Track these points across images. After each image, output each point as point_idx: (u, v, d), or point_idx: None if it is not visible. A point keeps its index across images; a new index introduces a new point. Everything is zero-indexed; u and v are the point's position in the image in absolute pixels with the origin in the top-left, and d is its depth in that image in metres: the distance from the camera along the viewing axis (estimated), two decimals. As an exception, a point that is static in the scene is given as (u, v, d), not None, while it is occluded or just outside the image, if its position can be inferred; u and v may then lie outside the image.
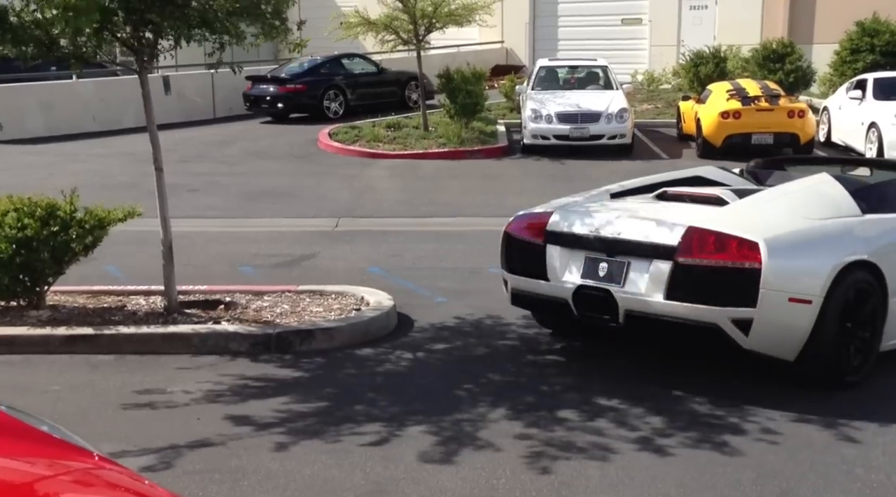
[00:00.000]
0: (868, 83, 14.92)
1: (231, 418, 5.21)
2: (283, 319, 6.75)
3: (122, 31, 6.33)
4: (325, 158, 15.97)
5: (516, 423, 5.07)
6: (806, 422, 5.03)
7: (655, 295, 5.33)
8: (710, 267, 5.21)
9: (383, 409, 5.33)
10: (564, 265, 5.78)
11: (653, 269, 5.37)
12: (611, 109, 15.78)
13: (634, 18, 25.65)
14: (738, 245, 5.18)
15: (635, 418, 5.10)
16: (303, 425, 5.10)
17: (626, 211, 5.90)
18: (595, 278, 5.62)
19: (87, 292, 7.43)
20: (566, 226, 5.83)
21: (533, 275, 5.92)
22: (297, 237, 10.12)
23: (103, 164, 15.20)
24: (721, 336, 5.22)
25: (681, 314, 5.26)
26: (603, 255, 5.62)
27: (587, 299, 5.61)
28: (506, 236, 6.23)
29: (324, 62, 21.02)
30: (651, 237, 5.42)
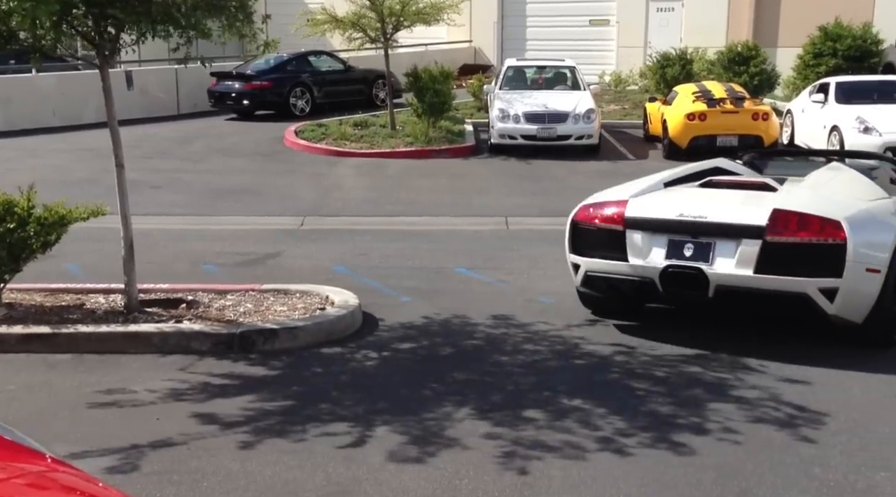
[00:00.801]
0: (830, 87, 15.12)
1: (193, 418, 5.13)
2: (246, 318, 6.67)
3: (83, 24, 6.21)
4: (292, 156, 15.85)
5: (481, 423, 5.04)
6: (765, 422, 5.06)
7: (745, 270, 5.93)
8: (797, 244, 5.88)
9: (348, 408, 5.28)
10: (647, 248, 6.29)
11: (742, 248, 5.97)
12: (578, 110, 15.84)
13: (602, 19, 25.79)
14: (821, 224, 5.88)
15: (599, 418, 5.10)
16: (266, 425, 5.03)
17: (699, 198, 6.54)
18: (682, 258, 6.15)
19: (45, 290, 7.29)
20: (647, 212, 6.38)
21: (612, 257, 6.41)
22: (261, 235, 10.03)
23: (63, 160, 14.96)
24: (808, 304, 5.88)
25: (771, 286, 5.90)
26: (687, 237, 6.17)
27: (675, 277, 6.15)
28: (575, 225, 6.74)
29: (290, 59, 20.87)
30: (738, 219, 6.06)
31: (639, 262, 6.29)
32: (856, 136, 13.67)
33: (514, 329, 6.75)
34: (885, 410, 5.25)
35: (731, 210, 6.21)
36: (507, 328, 6.77)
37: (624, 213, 6.43)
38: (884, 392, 5.53)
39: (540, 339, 6.54)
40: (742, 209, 6.19)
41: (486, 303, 7.41)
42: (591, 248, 6.60)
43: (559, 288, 7.90)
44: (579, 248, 6.70)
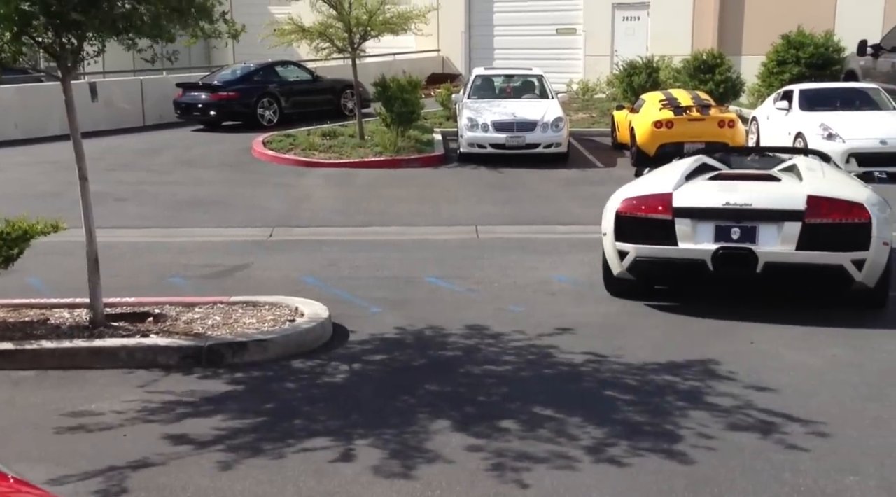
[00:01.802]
0: (794, 94, 15.30)
1: (161, 435, 5.05)
2: (214, 331, 6.59)
3: (44, 36, 6.12)
4: (259, 167, 15.74)
5: (454, 435, 5.02)
6: (737, 429, 5.08)
7: (789, 248, 6.95)
8: (831, 224, 6.95)
9: (320, 422, 5.23)
10: (695, 233, 7.12)
11: (784, 229, 6.96)
12: (546, 118, 15.89)
13: (569, 28, 25.93)
14: (849, 206, 7.03)
15: (572, 427, 5.09)
16: (237, 441, 4.97)
17: (732, 188, 7.44)
18: (730, 241, 7.04)
19: (8, 306, 7.15)
20: (694, 202, 7.22)
21: (662, 243, 7.18)
22: (229, 247, 9.93)
23: (26, 173, 14.74)
24: (842, 274, 6.97)
25: (812, 260, 6.93)
26: (732, 222, 7.07)
27: (727, 257, 7.02)
28: (620, 216, 7.40)
29: (257, 69, 20.76)
30: (780, 205, 7.06)
31: (689, 246, 7.11)
32: (820, 143, 13.83)
33: (486, 339, 6.74)
34: (853, 415, 5.30)
35: (772, 197, 7.19)
36: (479, 338, 6.75)
37: (672, 204, 7.19)
38: (852, 396, 5.58)
39: (511, 348, 6.53)
40: (781, 197, 7.21)
41: (456, 312, 7.39)
42: (640, 236, 7.28)
43: (529, 296, 7.90)
44: (626, 237, 7.35)
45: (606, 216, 7.63)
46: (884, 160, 13.60)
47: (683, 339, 6.67)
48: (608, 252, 7.61)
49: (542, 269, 8.93)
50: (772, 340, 6.64)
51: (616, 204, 7.51)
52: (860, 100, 15.15)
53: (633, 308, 7.55)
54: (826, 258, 6.94)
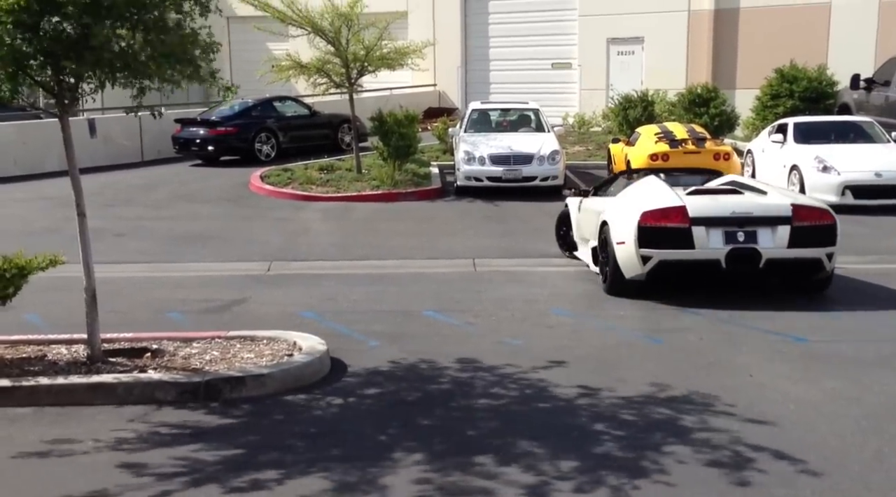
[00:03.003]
0: (789, 128, 15.42)
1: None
2: (212, 366, 6.58)
3: (41, 74, 6.17)
4: (257, 201, 15.79)
5: (431, 469, 4.97)
6: (735, 466, 5.05)
7: (782, 246, 8.45)
8: (810, 226, 8.55)
9: (298, 455, 5.20)
10: (709, 238, 8.44)
11: (778, 232, 8.47)
12: (543, 151, 15.99)
13: (564, 63, 26.18)
14: (820, 212, 8.73)
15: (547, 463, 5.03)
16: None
17: (728, 200, 8.91)
18: (737, 243, 8.44)
19: (5, 342, 7.14)
20: (706, 212, 8.55)
21: (681, 247, 8.45)
22: (227, 282, 9.93)
23: (24, 209, 14.77)
24: (818, 265, 8.62)
25: (799, 255, 8.53)
26: (736, 227, 8.49)
27: (737, 257, 8.42)
28: (642, 228, 8.51)
29: (255, 105, 20.90)
30: (773, 213, 8.62)
31: (704, 248, 8.42)
32: (815, 176, 13.93)
33: (482, 372, 6.72)
34: (855, 449, 5.26)
35: (765, 207, 8.74)
36: (475, 371, 6.74)
37: (690, 215, 8.43)
38: (852, 430, 5.56)
39: (507, 382, 6.51)
40: (772, 206, 8.76)
41: (454, 346, 7.38)
42: (661, 243, 8.49)
43: (527, 329, 7.90)
44: (649, 244, 8.51)
45: (620, 228, 8.72)
46: (879, 193, 13.68)
47: (682, 373, 6.66)
48: (625, 258, 8.67)
49: (540, 301, 8.93)
50: (770, 373, 6.64)
51: (633, 217, 8.62)
52: (854, 133, 15.27)
53: (632, 341, 7.55)
54: (809, 253, 8.54)
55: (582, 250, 10.37)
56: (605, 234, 9.05)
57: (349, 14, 16.51)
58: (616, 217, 8.91)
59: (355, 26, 16.67)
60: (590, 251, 9.79)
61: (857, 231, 11.95)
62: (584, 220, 10.21)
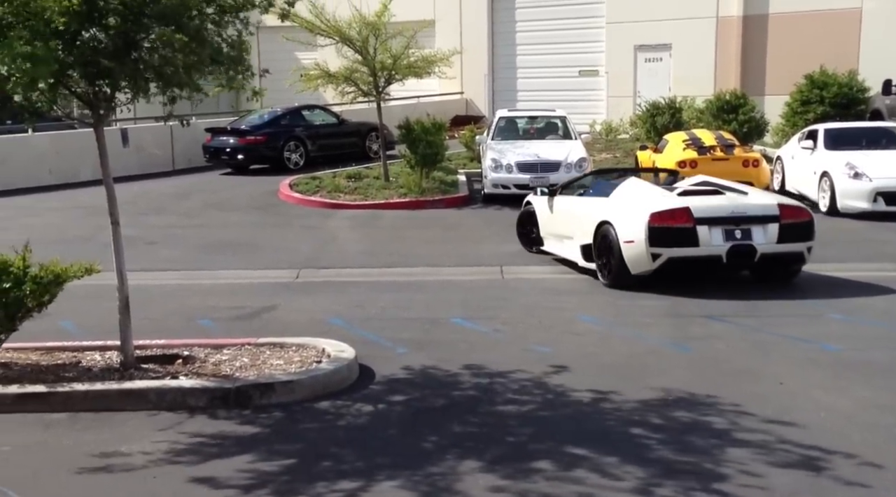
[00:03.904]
0: (819, 134, 15.29)
1: (188, 477, 5.09)
2: (242, 373, 6.65)
3: (78, 85, 6.29)
4: (286, 209, 15.92)
5: (489, 476, 5.00)
6: (776, 465, 5.03)
7: (773, 242, 9.27)
8: (794, 223, 9.40)
9: (349, 463, 5.24)
10: (711, 236, 9.18)
11: (768, 229, 9.28)
12: (570, 159, 15.98)
13: (592, 70, 26.15)
14: (800, 210, 9.63)
15: (612, 467, 5.05)
16: (265, 484, 4.99)
17: (721, 200, 9.56)
18: (736, 240, 9.20)
19: (41, 349, 7.27)
20: (708, 213, 9.27)
21: (687, 245, 9.18)
22: (257, 289, 10.03)
23: (59, 218, 15.00)
24: (801, 258, 9.56)
25: (787, 250, 9.40)
26: (733, 226, 9.24)
27: (737, 252, 9.20)
28: (652, 227, 9.17)
29: (284, 114, 21.08)
30: (762, 212, 9.41)
31: (707, 245, 9.17)
32: (846, 182, 13.81)
33: (511, 379, 6.74)
34: (890, 458, 5.20)
35: (757, 207, 9.51)
36: (504, 378, 6.75)
37: (694, 215, 9.18)
38: (885, 438, 5.50)
39: (535, 388, 6.52)
40: (762, 206, 9.56)
41: (481, 353, 7.40)
42: (669, 242, 9.19)
43: (555, 337, 7.91)
44: (658, 243, 9.19)
45: (627, 228, 9.36)
46: (911, 198, 13.52)
47: (711, 380, 6.63)
48: (634, 255, 9.31)
49: (568, 309, 8.93)
50: (801, 382, 6.59)
51: (642, 218, 9.26)
52: (886, 139, 15.10)
53: (660, 348, 7.54)
54: (795, 247, 9.43)
55: (556, 246, 11.05)
56: (604, 233, 9.66)
57: (377, 23, 16.63)
58: (621, 217, 9.54)
59: (383, 35, 16.79)
60: (578, 248, 10.31)
61: (891, 238, 11.83)
62: (562, 219, 10.88)
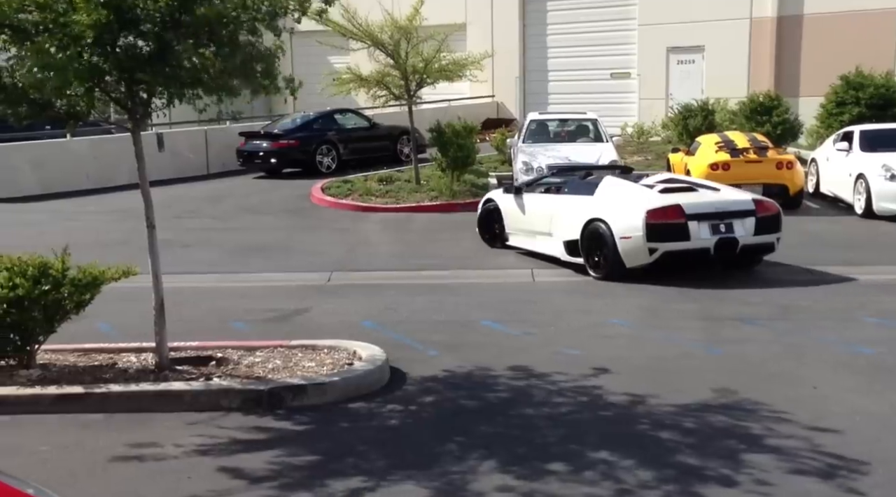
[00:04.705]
0: (854, 135, 15.11)
1: (222, 473, 5.16)
2: (275, 375, 6.73)
3: (115, 90, 6.41)
4: (318, 213, 16.04)
5: (506, 476, 5.03)
6: (803, 473, 4.99)
7: (750, 234, 10.08)
8: (766, 216, 10.22)
9: (373, 463, 5.29)
10: (700, 230, 9.95)
11: (746, 223, 10.07)
12: (601, 161, 15.89)
13: (623, 72, 26.04)
14: (769, 204, 10.48)
15: (624, 471, 5.06)
16: (293, 480, 5.06)
17: (703, 197, 10.41)
18: (720, 233, 9.97)
19: (78, 350, 7.40)
20: (696, 210, 10.00)
21: (680, 240, 9.91)
22: (289, 292, 10.12)
23: (96, 222, 15.24)
24: (771, 247, 10.37)
25: (762, 241, 10.23)
26: (718, 220, 10.00)
27: (723, 245, 9.94)
28: (649, 223, 9.86)
29: (316, 118, 21.24)
30: (741, 207, 10.23)
31: (698, 239, 9.93)
32: (882, 184, 13.63)
33: (541, 381, 6.75)
34: (920, 460, 5.16)
35: (736, 202, 10.35)
36: (534, 380, 6.76)
37: (685, 212, 9.90)
38: (918, 442, 5.45)
39: (566, 390, 6.53)
40: (740, 201, 10.41)
41: (512, 355, 7.42)
42: (664, 237, 9.91)
43: (585, 339, 7.90)
44: (655, 238, 9.89)
45: (624, 225, 10.00)
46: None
47: (744, 384, 6.59)
48: (631, 250, 9.98)
49: (598, 312, 8.92)
50: (834, 385, 6.53)
51: (638, 215, 9.93)
52: (923, 140, 14.88)
53: (691, 351, 7.50)
54: (769, 238, 10.26)
55: (525, 241, 11.79)
56: (595, 230, 10.32)
57: (408, 27, 16.71)
58: (615, 215, 10.19)
59: (414, 39, 16.86)
60: (560, 243, 10.94)
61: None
62: (536, 216, 11.53)
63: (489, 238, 12.49)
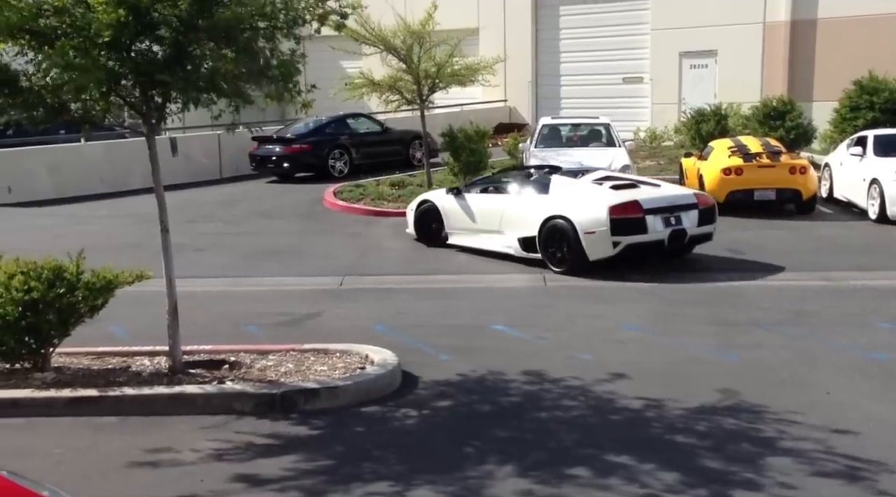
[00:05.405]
0: (868, 140, 15.03)
1: (237, 477, 5.18)
2: (287, 378, 6.75)
3: (131, 95, 6.45)
4: (331, 217, 16.07)
5: (524, 481, 5.03)
6: (822, 475, 4.97)
7: (695, 225, 10.92)
8: (706, 208, 11.14)
9: (390, 467, 5.30)
10: (655, 224, 10.67)
11: (692, 215, 10.92)
12: (614, 166, 15.87)
13: (636, 77, 26.01)
14: (707, 198, 11.51)
15: (647, 475, 5.05)
16: (309, 484, 5.07)
17: (653, 192, 11.19)
18: (672, 226, 10.74)
19: (92, 353, 7.44)
20: (651, 205, 10.73)
21: (639, 233, 10.60)
22: (301, 296, 10.15)
23: (110, 225, 15.32)
24: (709, 237, 11.32)
25: (704, 231, 11.13)
26: (668, 214, 10.79)
27: (675, 236, 10.76)
28: (613, 218, 10.52)
29: (329, 122, 21.29)
30: (686, 201, 11.07)
31: (654, 232, 10.66)
32: (896, 189, 13.55)
33: (553, 386, 6.75)
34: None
35: (681, 196, 11.28)
36: (546, 385, 6.76)
37: (643, 207, 10.63)
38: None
39: (579, 395, 6.52)
40: (684, 195, 11.41)
41: (524, 360, 7.42)
42: (625, 231, 10.57)
43: (598, 344, 7.89)
44: (618, 232, 10.55)
45: (588, 220, 10.64)
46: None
47: (758, 390, 6.57)
48: (595, 244, 10.65)
49: (611, 317, 8.91)
50: (849, 391, 6.50)
51: (601, 211, 10.60)
52: (938, 145, 14.79)
53: (704, 356, 7.48)
54: (708, 229, 11.21)
55: (468, 239, 12.33)
56: (555, 226, 10.94)
57: (421, 32, 16.74)
58: (577, 212, 10.83)
59: (427, 44, 16.89)
60: (515, 240, 11.54)
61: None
62: (483, 215, 12.12)
63: (426, 238, 12.94)
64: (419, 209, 13.21)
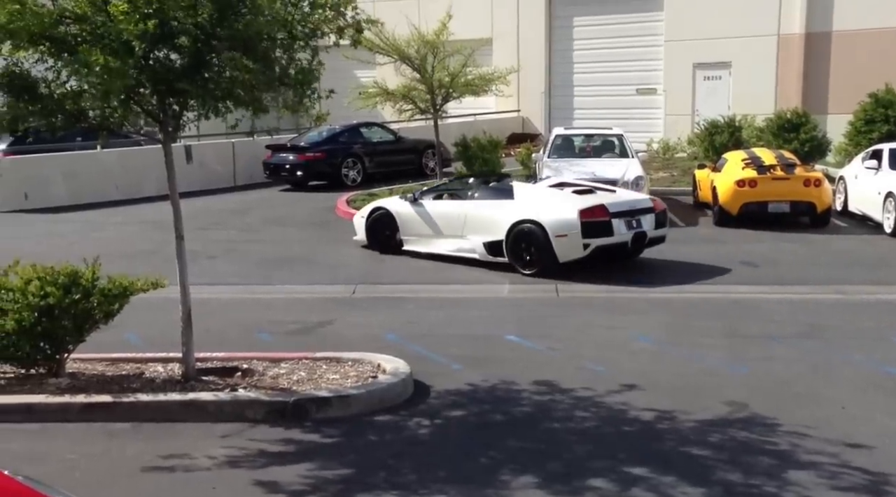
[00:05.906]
0: (884, 153, 14.96)
1: (257, 487, 5.19)
2: (299, 387, 6.76)
3: (149, 103, 6.50)
4: (343, 225, 16.07)
5: (541, 492, 5.01)
6: (839, 489, 4.94)
7: (652, 228, 11.51)
8: (661, 212, 11.78)
9: (406, 476, 5.30)
10: (620, 227, 11.15)
11: (649, 219, 11.49)
12: (627, 177, 15.87)
13: (649, 88, 25.99)
14: (660, 202, 11.99)
15: (669, 487, 5.02)
16: (325, 492, 5.08)
17: (618, 197, 11.87)
18: (633, 228, 11.28)
19: (106, 359, 7.48)
20: (616, 209, 11.22)
21: (605, 235, 11.08)
22: (314, 304, 10.17)
23: (125, 232, 15.40)
24: (664, 239, 11.83)
25: (660, 234, 11.77)
26: (630, 217, 11.32)
27: (637, 239, 11.34)
28: (583, 222, 10.98)
29: (342, 131, 21.35)
30: (643, 205, 11.63)
31: (619, 234, 11.18)
32: (911, 202, 13.48)
33: (565, 396, 6.74)
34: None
35: (639, 201, 11.82)
36: (558, 395, 6.75)
37: (609, 211, 11.14)
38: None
39: (591, 406, 6.51)
40: (642, 199, 11.93)
41: (536, 370, 7.41)
42: (594, 234, 11.06)
43: (610, 355, 7.87)
44: (588, 235, 11.03)
45: (558, 224, 11.09)
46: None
47: (771, 403, 6.54)
48: (565, 246, 11.07)
49: (623, 328, 8.89)
50: (864, 406, 6.47)
51: (572, 215, 11.07)
52: (954, 158, 14.71)
53: (716, 368, 7.46)
54: (663, 231, 11.83)
55: (425, 245, 12.59)
56: (524, 230, 11.31)
57: (435, 42, 16.82)
58: (547, 216, 11.23)
59: (441, 54, 16.97)
60: (480, 245, 11.85)
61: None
62: (444, 220, 12.38)
63: (378, 245, 13.11)
64: (371, 217, 13.32)
